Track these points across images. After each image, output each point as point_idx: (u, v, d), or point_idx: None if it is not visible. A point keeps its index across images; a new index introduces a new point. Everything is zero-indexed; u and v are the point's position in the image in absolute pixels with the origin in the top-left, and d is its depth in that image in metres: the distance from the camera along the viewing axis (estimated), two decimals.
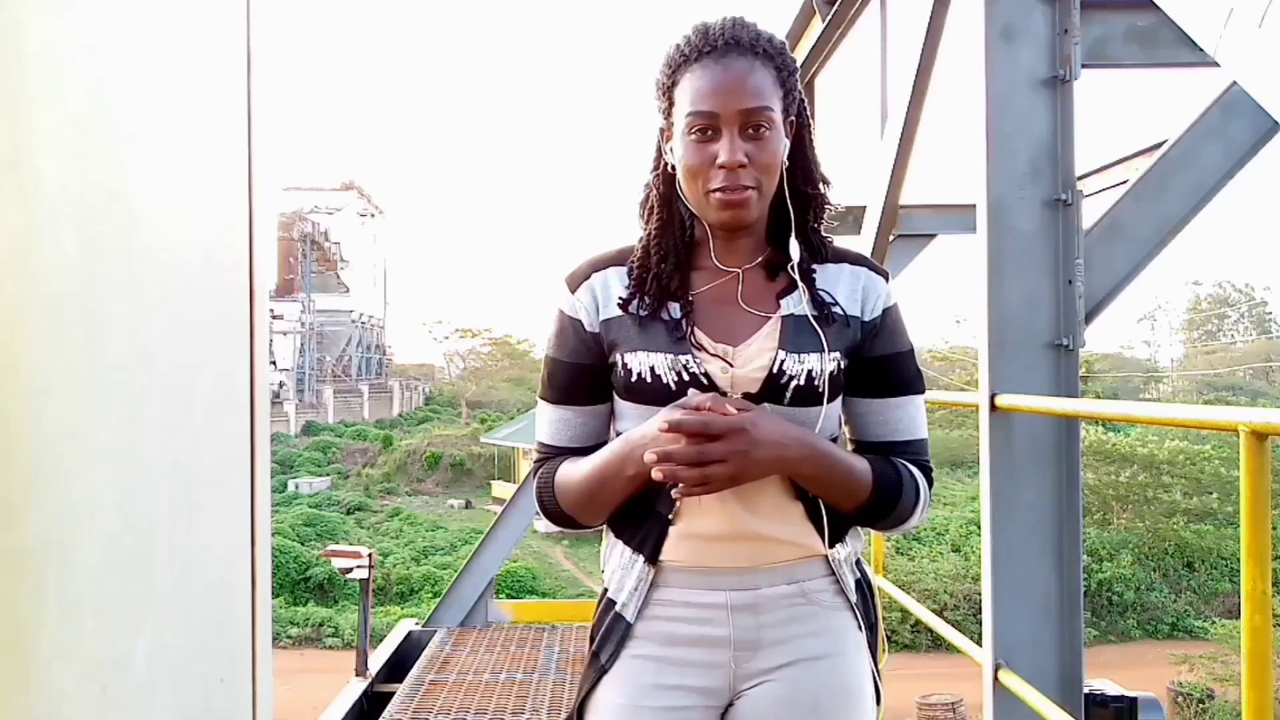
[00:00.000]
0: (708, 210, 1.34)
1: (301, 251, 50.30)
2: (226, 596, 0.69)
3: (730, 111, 1.30)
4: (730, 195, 1.31)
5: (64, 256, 0.52)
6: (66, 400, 0.52)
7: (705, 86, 1.31)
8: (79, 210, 0.53)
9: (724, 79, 1.31)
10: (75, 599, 0.52)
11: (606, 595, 1.43)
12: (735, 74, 1.31)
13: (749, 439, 1.24)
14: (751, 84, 1.31)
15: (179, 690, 0.63)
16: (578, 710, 1.42)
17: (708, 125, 1.31)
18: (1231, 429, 1.83)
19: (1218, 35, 1.85)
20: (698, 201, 1.35)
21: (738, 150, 1.30)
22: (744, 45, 1.32)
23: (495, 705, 4.78)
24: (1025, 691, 2.63)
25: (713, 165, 1.31)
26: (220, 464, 0.68)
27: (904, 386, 1.41)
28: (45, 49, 0.51)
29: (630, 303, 1.37)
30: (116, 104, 0.57)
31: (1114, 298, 2.99)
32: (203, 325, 0.67)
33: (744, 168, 1.30)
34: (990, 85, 2.87)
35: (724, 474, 1.24)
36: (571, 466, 1.39)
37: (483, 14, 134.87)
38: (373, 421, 41.99)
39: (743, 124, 1.30)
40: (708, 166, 1.31)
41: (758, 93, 1.31)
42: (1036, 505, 2.89)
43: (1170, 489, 21.78)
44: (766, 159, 1.32)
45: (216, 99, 0.69)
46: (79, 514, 0.53)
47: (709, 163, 1.31)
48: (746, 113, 1.30)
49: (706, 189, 1.32)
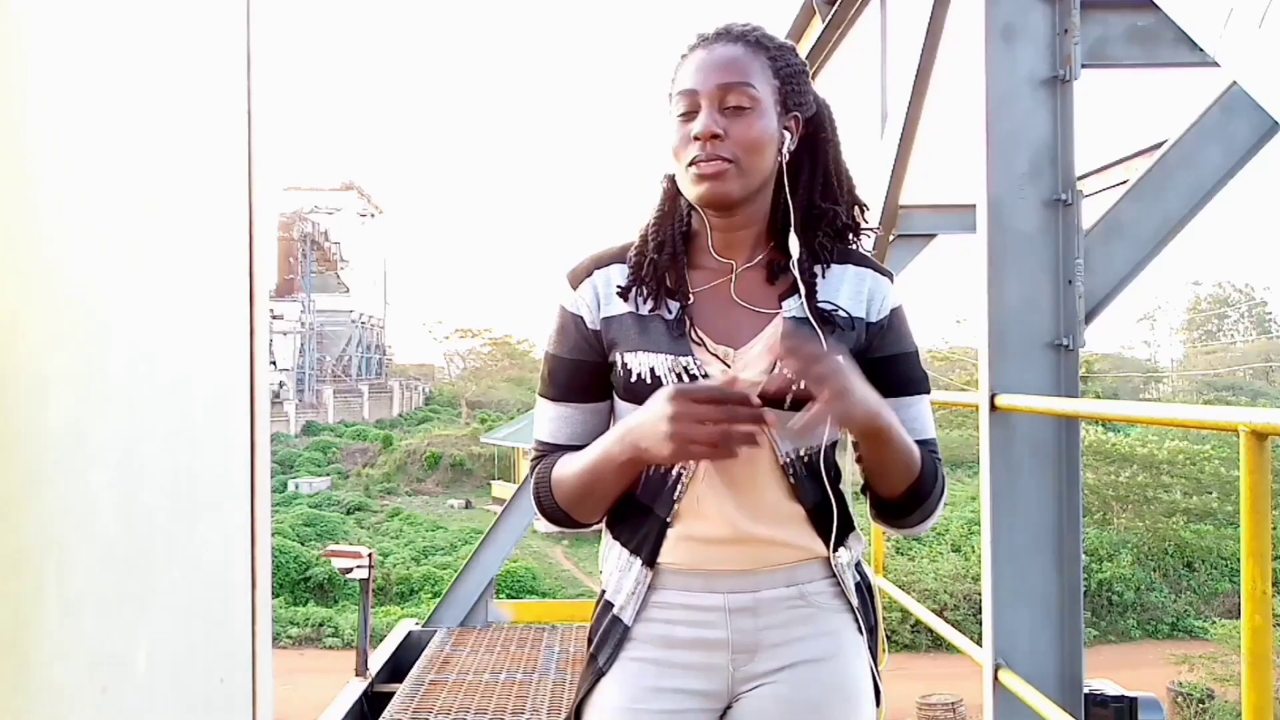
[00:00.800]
0: (689, 187, 1.34)
1: (301, 251, 50.29)
2: (226, 596, 0.69)
3: (709, 87, 1.31)
4: (705, 166, 1.30)
5: (64, 256, 0.52)
6: (66, 400, 0.52)
7: (690, 68, 1.34)
8: (79, 210, 0.53)
9: (708, 59, 1.33)
10: (75, 599, 0.52)
11: (604, 597, 1.42)
12: (718, 55, 1.33)
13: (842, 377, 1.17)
14: (734, 64, 1.32)
15: (179, 690, 0.63)
16: (575, 713, 1.41)
17: (689, 105, 1.33)
18: (1231, 429, 1.83)
19: (1218, 35, 1.85)
20: (683, 181, 1.35)
21: (714, 123, 1.30)
22: (734, 34, 1.35)
23: (495, 705, 4.78)
24: (1025, 691, 2.63)
25: (690, 140, 1.32)
26: (220, 464, 0.68)
27: (911, 387, 1.40)
28: (45, 49, 0.51)
29: (629, 292, 1.37)
30: (116, 104, 0.57)
31: (1114, 298, 2.99)
32: (203, 325, 0.67)
33: (719, 139, 1.30)
34: (990, 85, 2.87)
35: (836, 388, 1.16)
36: (567, 462, 1.37)
37: (483, 13, 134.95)
38: (373, 421, 41.98)
39: (720, 98, 1.31)
40: (686, 141, 1.32)
41: (738, 70, 1.32)
42: (1036, 505, 2.89)
43: (1170, 489, 21.76)
44: (747, 134, 1.31)
45: (216, 99, 0.69)
46: (79, 514, 0.53)
47: (687, 138, 1.32)
48: (724, 87, 1.31)
49: (684, 163, 1.33)
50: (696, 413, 1.18)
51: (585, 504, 1.37)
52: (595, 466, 1.32)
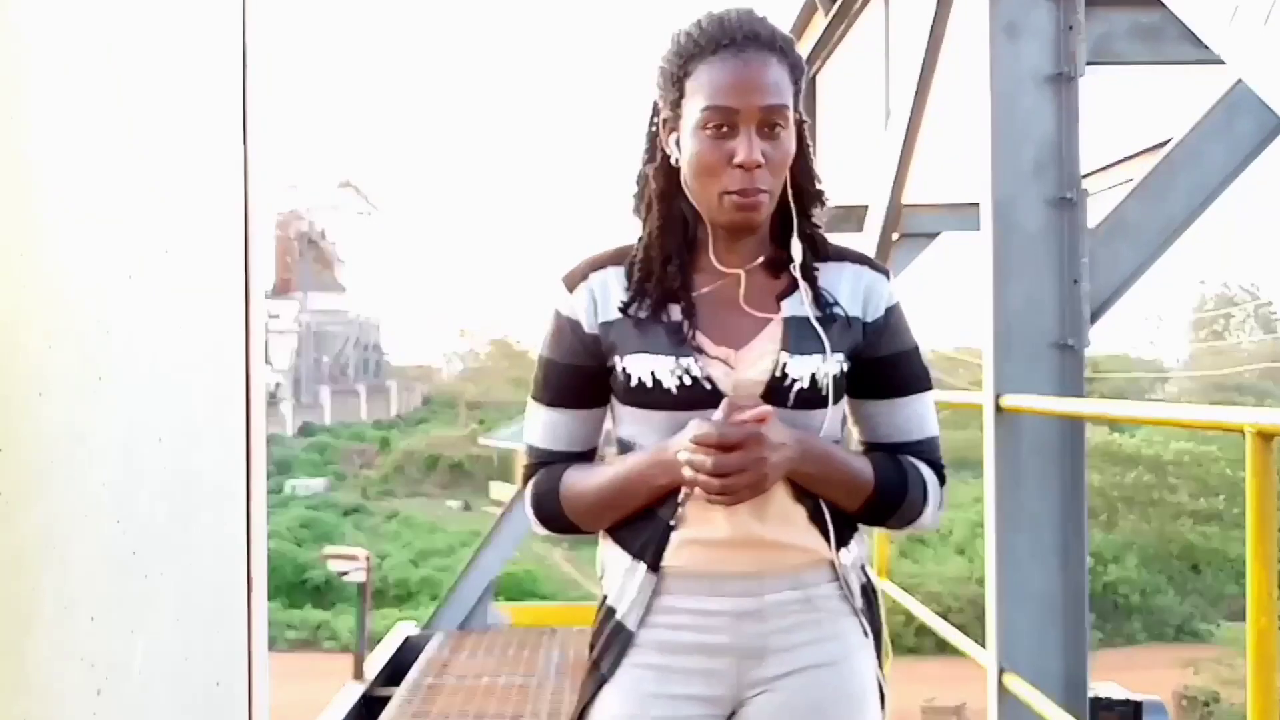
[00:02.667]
0: (718, 211, 1.31)
1: (298, 250, 50.31)
2: (223, 599, 0.68)
3: (751, 108, 1.27)
4: (746, 199, 1.28)
5: (64, 256, 0.51)
6: (66, 401, 0.51)
7: (725, 81, 1.27)
8: (79, 210, 0.52)
9: (745, 74, 1.27)
10: (72, 600, 0.51)
11: (606, 603, 1.40)
12: (755, 69, 1.27)
13: (765, 445, 1.23)
14: (772, 81, 1.28)
15: (175, 693, 0.61)
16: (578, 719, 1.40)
17: (725, 121, 1.27)
18: (1238, 430, 1.82)
19: (1223, 32, 1.84)
20: (708, 201, 1.32)
21: (756, 149, 1.26)
22: (762, 40, 1.29)
23: (494, 709, 4.77)
24: (1030, 695, 2.62)
25: (728, 163, 1.27)
26: (217, 465, 0.67)
27: (911, 385, 1.39)
28: (45, 50, 0.50)
29: (630, 305, 1.35)
30: (115, 104, 0.56)
31: (1119, 297, 2.98)
32: (199, 325, 0.65)
33: (760, 168, 1.27)
34: (994, 82, 2.87)
35: (744, 484, 1.23)
36: (582, 474, 1.36)
37: (481, 12, 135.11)
38: (370, 422, 42.01)
39: (761, 122, 1.27)
40: (723, 164, 1.28)
41: (777, 90, 1.28)
42: (1041, 507, 2.88)
43: (1176, 490, 21.75)
44: (781, 159, 1.30)
45: (213, 99, 0.68)
46: (78, 514, 0.51)
47: (725, 160, 1.28)
48: (767, 110, 1.27)
49: (721, 189, 1.29)
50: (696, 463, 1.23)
51: (603, 518, 1.37)
52: (626, 487, 1.32)
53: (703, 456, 1.23)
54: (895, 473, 1.36)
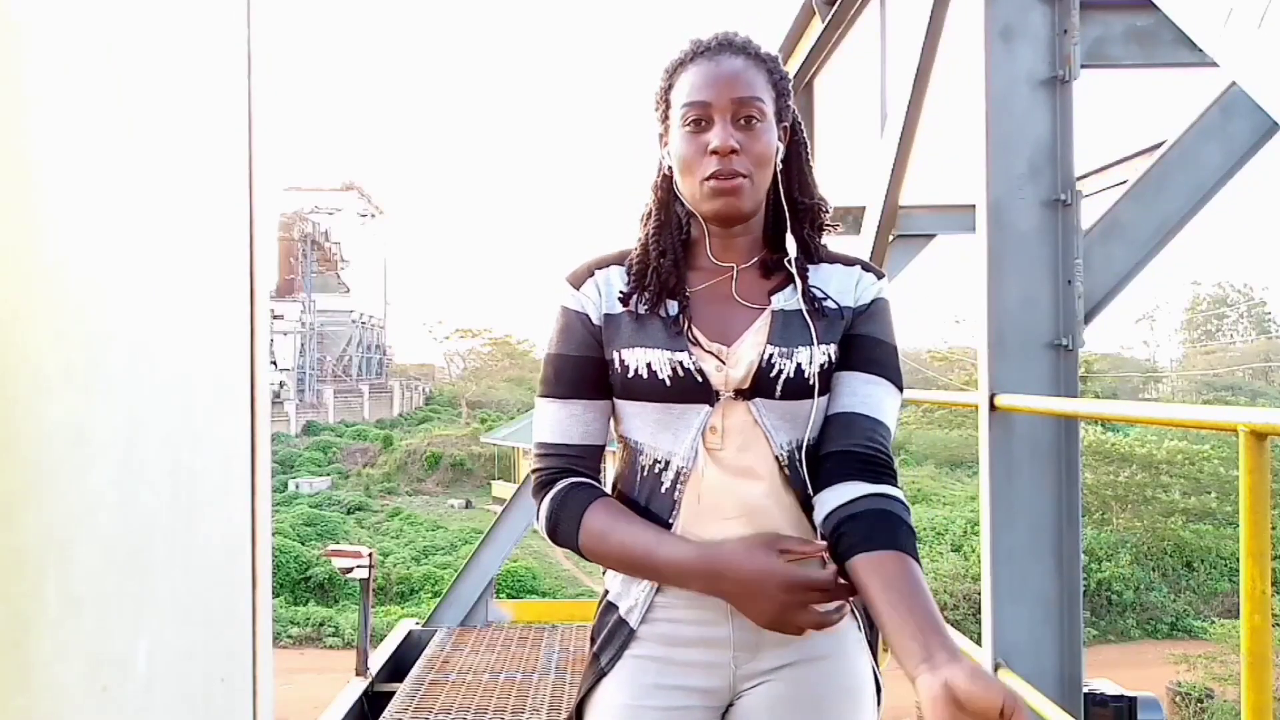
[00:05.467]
0: (702, 201, 1.36)
1: (302, 251, 50.30)
2: (227, 596, 0.69)
3: (723, 101, 1.34)
4: (723, 182, 1.33)
5: (64, 256, 0.52)
6: (66, 400, 0.52)
7: (699, 80, 1.35)
8: (79, 210, 0.53)
9: (717, 72, 1.35)
10: (75, 598, 0.53)
11: (607, 598, 1.42)
12: (728, 68, 1.35)
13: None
14: (744, 76, 1.35)
15: (180, 690, 0.63)
16: (577, 711, 1.42)
17: (701, 115, 1.34)
18: (1230, 429, 1.83)
19: (1217, 35, 1.85)
20: (692, 193, 1.37)
21: (730, 136, 1.33)
22: (736, 46, 1.37)
23: (495, 705, 4.79)
24: (1025, 691, 2.63)
25: (705, 153, 1.34)
26: (221, 464, 0.68)
27: (880, 370, 1.38)
28: (45, 50, 0.51)
29: (630, 298, 1.39)
30: (117, 104, 0.57)
31: (1113, 298, 2.99)
32: (203, 325, 0.67)
33: (736, 154, 1.33)
34: (990, 85, 2.88)
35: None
36: (609, 520, 1.35)
37: (484, 14, 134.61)
38: (373, 421, 41.97)
39: (734, 113, 1.34)
40: (701, 154, 1.34)
41: (749, 84, 1.35)
42: (1036, 505, 2.90)
43: (1169, 489, 21.74)
44: (759, 149, 1.35)
45: (217, 100, 0.69)
46: (79, 514, 0.53)
47: (702, 151, 1.34)
48: (738, 102, 1.33)
49: (701, 177, 1.34)
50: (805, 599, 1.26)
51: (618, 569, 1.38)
52: (658, 568, 1.32)
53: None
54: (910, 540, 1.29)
